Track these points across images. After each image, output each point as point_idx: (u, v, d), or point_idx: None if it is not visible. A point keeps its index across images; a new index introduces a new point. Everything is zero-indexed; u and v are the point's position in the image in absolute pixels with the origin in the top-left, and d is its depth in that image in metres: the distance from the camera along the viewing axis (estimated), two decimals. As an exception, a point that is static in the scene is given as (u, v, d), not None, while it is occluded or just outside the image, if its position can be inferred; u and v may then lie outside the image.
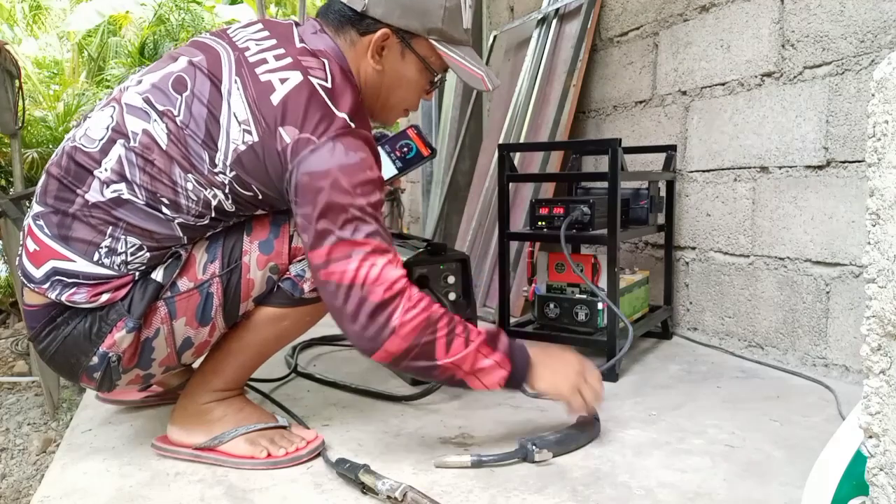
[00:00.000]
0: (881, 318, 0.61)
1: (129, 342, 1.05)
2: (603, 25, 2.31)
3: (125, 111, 1.06)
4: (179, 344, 1.10)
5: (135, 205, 1.03)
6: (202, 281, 1.08)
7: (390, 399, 1.46)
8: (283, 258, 1.12)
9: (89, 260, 1.03)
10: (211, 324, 1.11)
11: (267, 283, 1.13)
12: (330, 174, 1.00)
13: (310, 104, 1.02)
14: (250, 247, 1.10)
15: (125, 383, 1.12)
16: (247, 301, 1.12)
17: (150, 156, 1.03)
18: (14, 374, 2.91)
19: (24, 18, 11.03)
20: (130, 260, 1.04)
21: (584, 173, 2.13)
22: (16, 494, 1.83)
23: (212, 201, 1.06)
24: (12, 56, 2.51)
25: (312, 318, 1.19)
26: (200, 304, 1.09)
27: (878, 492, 0.63)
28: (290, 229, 1.12)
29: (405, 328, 1.02)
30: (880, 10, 1.44)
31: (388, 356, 1.04)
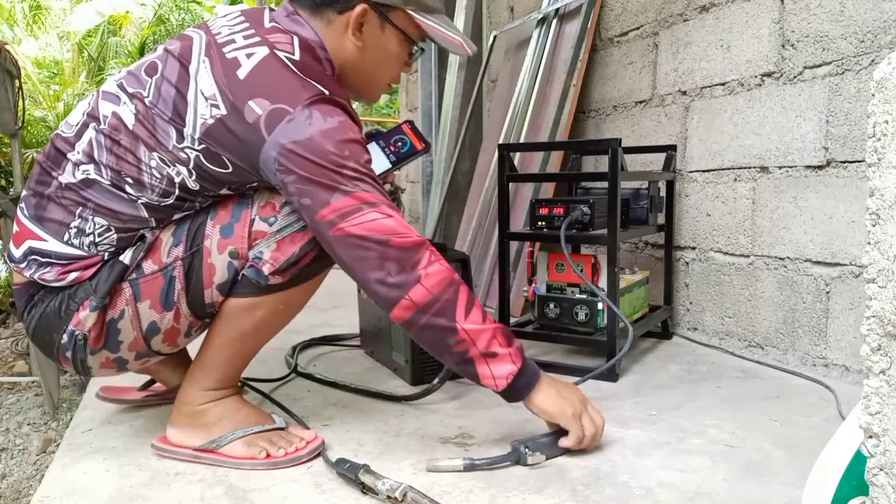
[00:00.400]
0: (881, 318, 0.61)
1: (93, 321, 1.07)
2: (603, 25, 2.31)
3: (100, 97, 1.11)
4: (146, 328, 1.11)
5: (101, 185, 1.07)
6: (166, 264, 1.09)
7: (390, 399, 1.46)
8: (242, 242, 1.10)
9: (59, 240, 1.07)
10: (175, 309, 1.10)
11: (228, 270, 1.10)
12: (313, 140, 1.01)
13: (278, 76, 1.04)
14: (212, 231, 1.10)
15: (98, 366, 1.13)
16: (210, 288, 1.11)
17: (116, 136, 1.07)
18: (14, 374, 2.91)
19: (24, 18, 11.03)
20: (99, 241, 1.08)
21: (584, 173, 2.13)
22: (16, 494, 1.83)
23: (175, 178, 1.07)
24: (12, 56, 2.51)
25: (287, 306, 1.16)
26: (164, 288, 1.09)
27: (878, 492, 0.63)
28: (251, 214, 1.10)
29: (430, 278, 1.04)
30: (880, 10, 1.44)
31: (412, 307, 1.04)
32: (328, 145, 1.01)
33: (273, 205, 1.10)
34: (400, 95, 4.63)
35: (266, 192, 1.12)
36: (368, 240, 1.02)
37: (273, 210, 1.10)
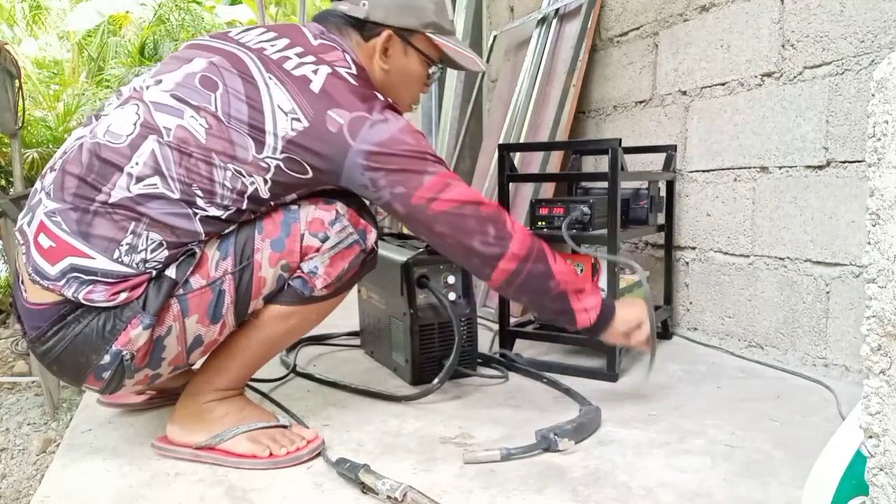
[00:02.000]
0: (881, 318, 0.61)
1: (145, 340, 1.05)
2: (603, 25, 2.31)
3: (153, 108, 1.09)
4: (190, 342, 1.11)
5: (167, 198, 1.05)
6: (215, 278, 1.09)
7: (390, 399, 1.46)
8: (294, 256, 1.14)
9: (109, 257, 1.03)
10: (221, 322, 1.12)
11: (277, 282, 1.14)
12: (396, 138, 1.11)
13: (347, 90, 1.13)
14: (262, 245, 1.12)
15: (133, 384, 1.11)
16: (257, 299, 1.13)
17: (187, 149, 1.06)
18: (14, 374, 2.90)
19: (24, 18, 11.03)
20: (150, 258, 1.05)
21: (584, 173, 2.13)
22: (16, 494, 1.83)
23: (248, 189, 1.09)
24: (12, 56, 2.51)
25: (319, 316, 1.22)
26: (213, 302, 1.09)
27: (878, 492, 0.63)
28: (300, 229, 1.13)
29: (520, 233, 1.18)
30: (880, 10, 1.44)
31: (515, 258, 1.16)
32: (408, 139, 1.12)
33: (321, 221, 1.15)
34: (400, 95, 4.63)
35: (311, 207, 1.15)
36: (465, 208, 1.14)
37: (322, 226, 1.14)
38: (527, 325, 1.84)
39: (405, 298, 1.55)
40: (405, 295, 1.55)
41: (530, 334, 1.78)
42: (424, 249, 1.63)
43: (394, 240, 1.82)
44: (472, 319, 1.62)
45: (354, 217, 1.18)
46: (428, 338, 1.55)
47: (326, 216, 1.15)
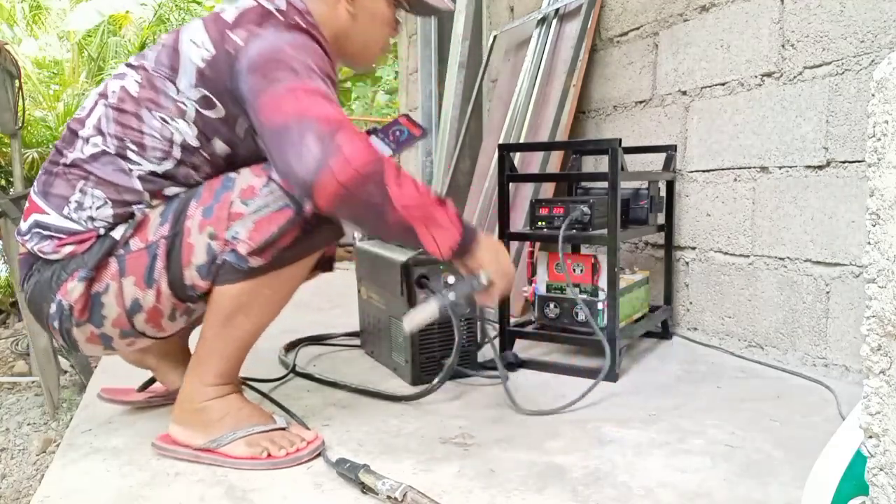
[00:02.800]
0: (881, 318, 0.61)
1: (80, 292, 1.10)
2: (603, 25, 2.31)
3: (110, 78, 1.20)
4: (129, 305, 1.12)
5: (107, 155, 1.13)
6: (151, 242, 1.12)
7: (390, 399, 1.46)
8: (220, 224, 1.10)
9: (59, 213, 1.13)
10: (156, 287, 1.12)
11: (207, 251, 1.11)
12: (276, 46, 1.09)
13: (259, 14, 1.14)
14: (195, 212, 1.12)
15: (84, 340, 1.15)
16: (189, 268, 1.11)
17: (122, 105, 1.14)
18: (14, 374, 2.90)
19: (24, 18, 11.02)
20: (96, 216, 1.12)
21: (584, 173, 2.13)
22: (16, 494, 1.83)
23: (174, 137, 1.13)
24: (12, 56, 2.51)
25: (273, 291, 1.15)
26: (147, 265, 1.11)
27: (878, 492, 0.63)
28: (231, 196, 1.11)
29: (355, 155, 1.00)
30: (880, 10, 1.44)
31: (339, 187, 0.99)
32: (289, 50, 1.08)
33: (253, 188, 1.11)
34: (400, 96, 4.63)
35: (247, 172, 1.13)
36: (298, 122, 1.01)
37: (252, 193, 1.11)
38: (527, 325, 1.84)
39: (405, 298, 1.55)
40: (405, 295, 1.55)
41: (530, 334, 1.78)
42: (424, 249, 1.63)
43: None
44: (472, 319, 1.62)
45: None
46: (428, 338, 1.55)
47: (258, 182, 1.11)
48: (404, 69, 4.49)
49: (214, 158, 1.16)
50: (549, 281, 1.75)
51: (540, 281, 1.77)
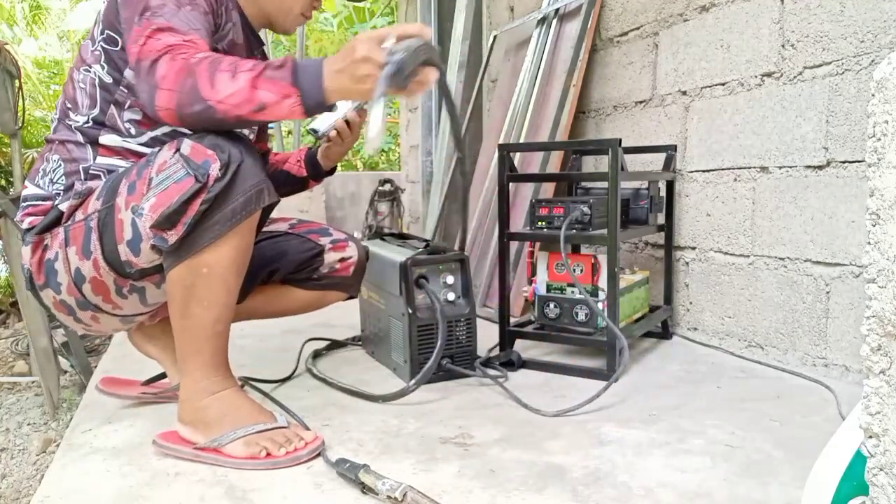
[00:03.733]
0: (881, 318, 0.61)
1: (31, 255, 1.21)
2: (603, 25, 2.31)
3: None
4: (73, 273, 1.18)
5: (59, 122, 1.25)
6: (88, 214, 1.17)
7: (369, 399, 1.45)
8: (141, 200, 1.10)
9: (32, 182, 1.25)
10: (93, 258, 1.17)
11: (132, 227, 1.12)
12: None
13: None
14: (123, 188, 1.14)
15: (52, 306, 1.25)
16: (122, 244, 1.14)
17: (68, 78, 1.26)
18: (14, 374, 2.90)
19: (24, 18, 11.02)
20: (54, 178, 1.23)
21: (584, 173, 2.13)
22: (16, 494, 1.83)
23: (94, 79, 1.22)
24: (12, 56, 2.50)
25: (211, 269, 1.11)
26: (84, 237, 1.17)
27: (878, 492, 0.63)
28: (150, 172, 1.11)
29: (167, 80, 1.05)
30: (880, 10, 1.44)
31: (169, 113, 1.07)
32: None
33: (165, 162, 1.10)
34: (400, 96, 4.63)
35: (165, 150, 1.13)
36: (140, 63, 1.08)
37: (163, 167, 1.10)
38: (527, 325, 1.84)
39: (404, 298, 1.55)
40: (404, 295, 1.55)
41: (530, 334, 1.78)
42: (423, 250, 1.63)
43: (394, 240, 1.82)
44: (472, 320, 1.62)
45: (198, 150, 1.08)
46: (426, 338, 1.55)
47: (167, 155, 1.10)
48: (404, 69, 4.48)
49: (132, 88, 1.20)
50: (549, 281, 1.75)
51: (540, 281, 1.77)
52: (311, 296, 1.53)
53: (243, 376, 1.55)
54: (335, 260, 1.51)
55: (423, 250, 1.62)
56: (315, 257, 1.49)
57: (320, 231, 1.52)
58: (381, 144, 1.09)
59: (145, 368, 1.51)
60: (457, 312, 1.60)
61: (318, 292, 1.53)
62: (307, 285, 1.52)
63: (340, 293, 1.55)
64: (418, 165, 4.12)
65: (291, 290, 1.52)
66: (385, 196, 4.72)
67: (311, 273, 1.50)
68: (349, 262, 1.52)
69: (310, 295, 1.53)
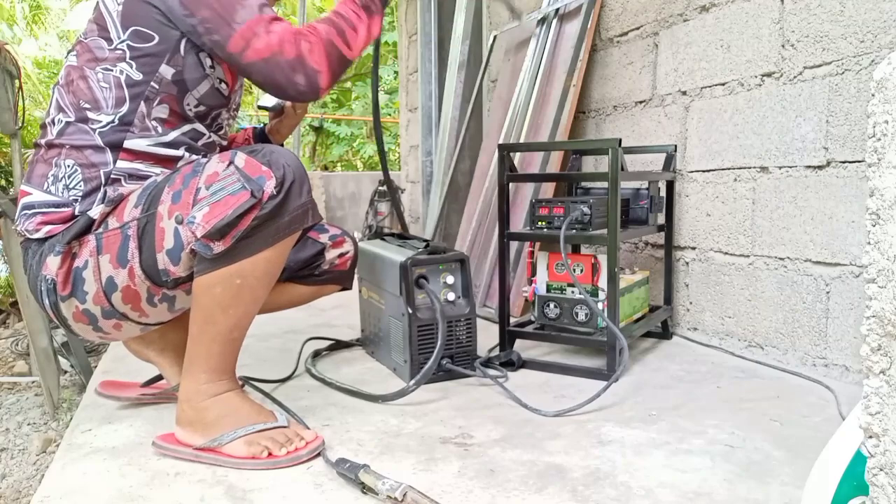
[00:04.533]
0: (881, 318, 0.61)
1: (58, 265, 1.16)
2: (603, 25, 2.31)
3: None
4: (105, 281, 1.16)
5: (71, 124, 1.20)
6: (125, 222, 1.16)
7: (368, 398, 1.45)
8: (186, 209, 1.11)
9: (41, 189, 1.20)
10: (129, 267, 1.15)
11: (175, 236, 1.12)
12: None
13: None
14: (166, 197, 1.14)
15: (71, 316, 1.20)
16: (161, 253, 1.13)
17: (69, 79, 1.21)
18: (14, 374, 2.90)
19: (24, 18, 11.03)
20: (70, 184, 1.18)
21: (584, 173, 2.13)
22: (16, 494, 1.83)
23: (121, 77, 1.19)
24: (12, 56, 2.50)
25: (244, 280, 1.12)
26: (121, 245, 1.15)
27: (878, 492, 0.63)
28: (198, 182, 1.11)
29: (321, 64, 1.19)
30: (880, 10, 1.44)
31: (327, 91, 1.22)
32: None
33: (216, 173, 1.11)
34: (400, 96, 4.63)
35: (216, 161, 1.13)
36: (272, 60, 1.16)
37: (215, 178, 1.10)
38: (527, 325, 1.84)
39: (404, 298, 1.55)
40: (404, 295, 1.55)
41: (530, 334, 1.78)
42: (424, 250, 1.63)
43: (394, 240, 1.82)
44: (472, 320, 1.62)
45: (252, 165, 1.10)
46: (426, 338, 1.55)
47: (221, 167, 1.11)
48: (404, 69, 4.49)
49: (164, 84, 1.20)
50: (549, 281, 1.76)
51: (540, 281, 1.77)
52: (311, 290, 1.56)
53: (244, 376, 1.55)
54: (335, 256, 1.54)
55: (423, 250, 1.62)
56: (317, 255, 1.52)
57: (318, 229, 1.54)
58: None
59: (145, 368, 1.51)
60: (457, 312, 1.60)
61: (316, 287, 1.56)
62: (308, 281, 1.54)
63: (336, 286, 1.58)
64: (418, 165, 4.12)
65: (292, 286, 1.53)
66: (385, 196, 4.72)
67: (313, 270, 1.53)
68: (347, 256, 1.56)
69: (309, 289, 1.56)
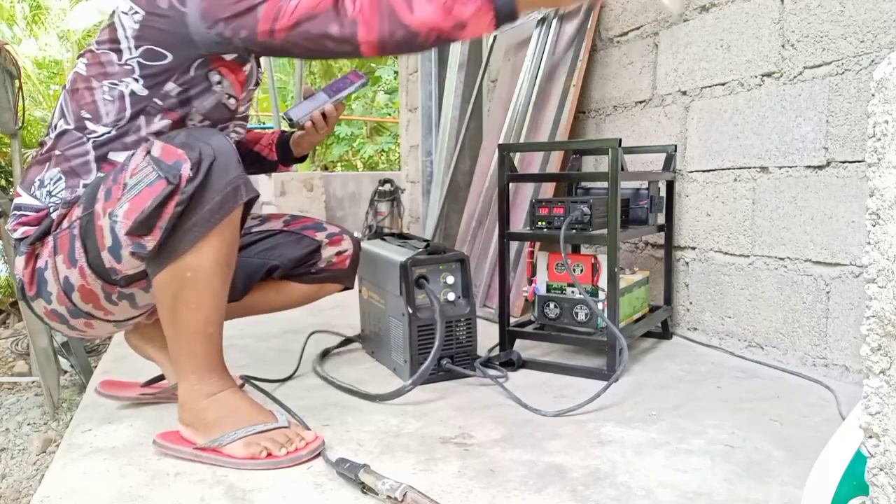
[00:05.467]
0: (881, 318, 0.61)
1: (23, 266, 1.19)
2: (603, 25, 2.31)
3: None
4: (62, 281, 1.17)
5: (68, 132, 1.20)
6: (72, 222, 1.16)
7: (365, 398, 1.46)
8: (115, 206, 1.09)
9: (28, 192, 1.22)
10: (79, 266, 1.15)
11: (111, 234, 1.10)
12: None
13: None
14: (101, 194, 1.13)
15: (44, 315, 1.23)
16: (104, 251, 1.12)
17: (75, 86, 1.21)
18: (14, 374, 2.90)
19: (24, 18, 11.03)
20: (53, 191, 1.20)
21: (584, 173, 2.13)
22: (16, 494, 1.83)
23: (125, 91, 1.18)
24: (12, 56, 2.50)
25: (196, 273, 1.09)
26: (70, 244, 1.16)
27: (878, 492, 0.63)
28: (124, 178, 1.09)
29: (363, 13, 1.11)
30: (880, 10, 1.44)
31: (370, 45, 1.13)
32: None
33: (137, 167, 1.09)
34: (400, 96, 4.63)
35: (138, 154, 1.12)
36: (302, 26, 1.12)
37: (135, 171, 1.09)
38: (527, 325, 1.84)
39: (404, 299, 1.55)
40: (403, 295, 1.55)
41: (530, 334, 1.78)
42: (424, 250, 1.63)
43: (394, 239, 1.82)
44: (472, 320, 1.62)
45: (168, 150, 1.07)
46: (426, 338, 1.55)
47: (139, 159, 1.10)
48: (404, 69, 4.49)
49: (168, 101, 1.20)
50: (549, 281, 1.75)
51: (540, 281, 1.77)
52: (309, 289, 1.55)
53: (245, 374, 1.55)
54: (332, 254, 1.53)
55: (423, 250, 1.62)
56: (313, 253, 1.51)
57: (315, 227, 1.53)
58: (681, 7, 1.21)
59: (145, 368, 1.51)
60: (457, 312, 1.60)
61: (315, 286, 1.55)
62: (305, 279, 1.53)
63: (336, 285, 1.57)
64: (418, 165, 4.12)
65: (290, 285, 1.53)
66: (385, 196, 4.72)
67: (310, 268, 1.52)
68: (345, 254, 1.55)
69: (308, 288, 1.54)
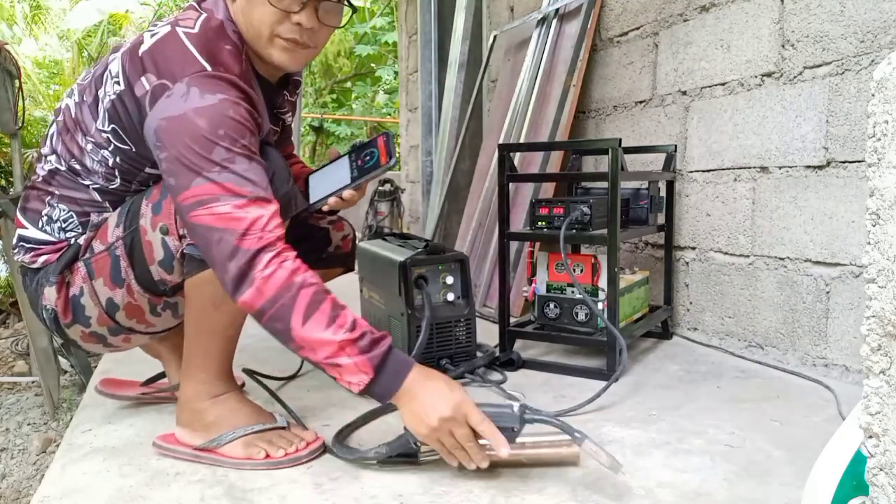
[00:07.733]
0: (881, 318, 0.61)
1: (55, 297, 1.16)
2: (603, 25, 2.31)
3: (66, 95, 1.20)
4: (105, 303, 1.16)
5: (61, 173, 1.18)
6: (110, 244, 1.15)
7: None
8: (170, 218, 1.10)
9: (36, 227, 1.20)
10: (126, 285, 1.15)
11: (163, 247, 1.11)
12: (185, 117, 1.00)
13: (170, 51, 1.05)
14: (146, 210, 1.13)
15: (80, 338, 1.21)
16: (153, 265, 1.13)
17: (67, 126, 1.17)
18: (14, 374, 2.90)
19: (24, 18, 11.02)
20: (66, 227, 1.19)
21: (584, 173, 2.13)
22: (16, 494, 1.83)
23: (108, 161, 1.13)
24: (12, 56, 2.50)
25: None
26: (112, 266, 1.14)
27: (878, 492, 0.63)
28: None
29: (266, 284, 0.98)
30: (880, 10, 1.44)
31: (246, 307, 1.01)
32: (200, 123, 0.99)
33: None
34: (400, 96, 4.63)
35: None
36: (215, 232, 0.99)
37: None
38: (527, 325, 1.84)
39: (403, 298, 1.55)
40: (403, 295, 1.55)
41: (530, 334, 1.78)
42: (423, 250, 1.63)
43: (395, 239, 1.82)
44: (471, 319, 1.62)
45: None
46: (427, 339, 1.55)
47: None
48: (404, 69, 4.49)
49: (154, 178, 1.15)
50: (549, 281, 1.75)
51: (540, 281, 1.77)
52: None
53: (248, 368, 1.54)
54: (339, 238, 1.53)
55: (423, 250, 1.62)
56: (323, 238, 1.51)
57: (315, 215, 1.53)
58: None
59: (145, 368, 1.51)
60: (456, 313, 1.60)
61: (322, 271, 1.52)
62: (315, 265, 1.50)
63: (339, 269, 1.56)
64: (418, 165, 4.12)
65: None
66: (385, 196, 4.72)
67: (321, 254, 1.51)
68: (348, 238, 1.55)
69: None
